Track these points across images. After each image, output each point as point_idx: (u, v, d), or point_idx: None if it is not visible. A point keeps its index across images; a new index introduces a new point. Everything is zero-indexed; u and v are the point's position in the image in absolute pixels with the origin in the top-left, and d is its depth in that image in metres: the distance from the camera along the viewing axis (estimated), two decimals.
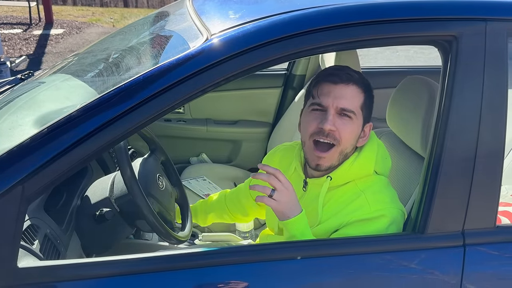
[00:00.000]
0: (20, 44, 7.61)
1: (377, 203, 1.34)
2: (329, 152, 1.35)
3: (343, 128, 1.34)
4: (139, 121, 1.16)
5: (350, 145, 1.37)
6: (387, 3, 1.31)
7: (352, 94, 1.35)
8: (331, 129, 1.33)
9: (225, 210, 1.77)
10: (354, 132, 1.36)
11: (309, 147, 1.38)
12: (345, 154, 1.38)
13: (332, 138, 1.34)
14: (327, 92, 1.35)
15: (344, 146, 1.35)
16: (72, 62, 1.94)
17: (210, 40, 1.22)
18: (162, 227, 1.47)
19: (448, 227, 1.26)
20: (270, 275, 1.23)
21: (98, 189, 1.61)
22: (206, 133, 2.86)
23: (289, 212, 1.29)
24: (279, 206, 1.27)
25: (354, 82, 1.36)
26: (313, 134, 1.36)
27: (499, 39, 1.24)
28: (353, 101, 1.35)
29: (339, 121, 1.34)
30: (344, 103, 1.34)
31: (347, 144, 1.36)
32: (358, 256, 1.26)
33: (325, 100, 1.34)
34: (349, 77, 1.36)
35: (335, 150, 1.35)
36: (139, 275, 1.19)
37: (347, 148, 1.37)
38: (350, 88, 1.35)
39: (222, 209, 1.77)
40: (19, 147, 1.14)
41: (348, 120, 1.34)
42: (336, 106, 1.34)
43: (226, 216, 1.78)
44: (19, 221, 1.12)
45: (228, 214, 1.77)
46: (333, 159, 1.36)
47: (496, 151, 1.25)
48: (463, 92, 1.24)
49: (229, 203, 1.76)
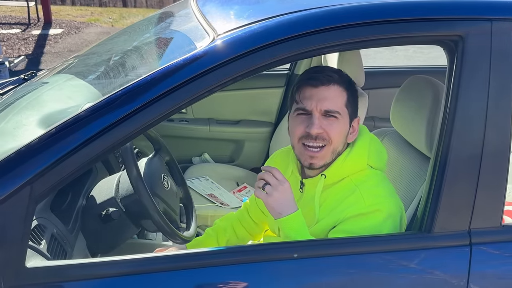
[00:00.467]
0: (18, 44, 7.60)
1: (372, 197, 1.34)
2: (321, 151, 1.36)
3: (331, 128, 1.34)
4: (147, 121, 1.16)
5: (341, 143, 1.38)
6: (392, 3, 1.31)
7: (335, 95, 1.35)
8: (318, 132, 1.34)
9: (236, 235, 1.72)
10: (342, 131, 1.37)
11: (299, 149, 1.38)
12: (338, 152, 1.39)
13: (321, 140, 1.34)
14: (310, 96, 1.35)
15: (335, 144, 1.36)
16: (76, 62, 1.94)
17: (217, 40, 1.22)
18: (168, 227, 1.48)
19: (455, 226, 1.27)
20: (270, 275, 1.23)
21: (104, 189, 1.61)
22: (208, 133, 2.87)
23: (282, 209, 1.30)
24: (269, 200, 1.29)
25: (335, 82, 1.36)
26: (301, 138, 1.37)
27: (505, 39, 1.24)
28: (336, 101, 1.35)
29: (325, 122, 1.34)
30: (327, 105, 1.34)
31: (337, 143, 1.37)
32: (362, 256, 1.26)
33: (309, 104, 1.35)
34: (329, 78, 1.35)
35: (327, 149, 1.36)
36: (144, 274, 1.19)
37: (338, 146, 1.38)
38: (332, 88, 1.35)
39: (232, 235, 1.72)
40: (27, 147, 1.14)
41: (334, 120, 1.35)
42: (320, 109, 1.34)
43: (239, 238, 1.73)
44: (27, 221, 1.12)
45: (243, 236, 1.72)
46: (326, 157, 1.37)
47: (502, 150, 1.26)
48: (469, 92, 1.24)
49: (238, 229, 1.71)
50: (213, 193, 2.48)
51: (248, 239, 1.74)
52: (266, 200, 1.30)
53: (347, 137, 1.39)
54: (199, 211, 2.26)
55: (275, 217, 1.32)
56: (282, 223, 1.31)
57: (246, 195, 2.53)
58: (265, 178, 1.30)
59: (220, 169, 2.75)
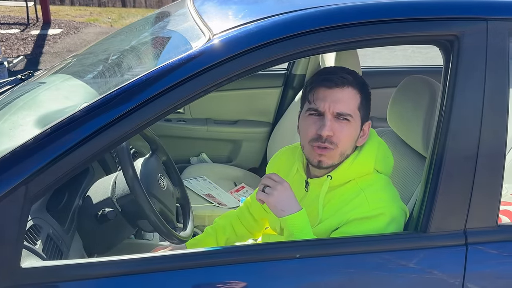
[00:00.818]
0: (17, 44, 7.59)
1: (377, 201, 1.34)
2: (329, 151, 1.36)
3: (341, 132, 1.34)
4: (142, 121, 1.16)
5: (350, 146, 1.38)
6: (388, 3, 1.31)
7: (348, 97, 1.35)
8: (329, 134, 1.33)
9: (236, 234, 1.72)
10: (352, 134, 1.37)
11: (309, 149, 1.39)
12: (346, 155, 1.39)
13: (329, 143, 1.34)
14: (323, 97, 1.35)
15: (343, 148, 1.36)
16: (73, 62, 1.94)
17: (212, 40, 1.22)
18: (164, 227, 1.48)
19: (450, 226, 1.27)
20: (270, 275, 1.23)
21: (100, 189, 1.61)
22: (206, 133, 2.86)
23: (283, 206, 1.31)
24: (269, 199, 1.31)
25: (349, 84, 1.35)
26: (311, 140, 1.36)
27: (501, 39, 1.24)
28: (349, 104, 1.35)
29: (336, 125, 1.34)
30: (340, 107, 1.34)
31: (346, 147, 1.37)
32: (358, 256, 1.26)
33: (321, 105, 1.34)
34: (343, 80, 1.35)
35: (335, 152, 1.36)
36: (141, 275, 1.19)
37: (346, 150, 1.38)
38: (346, 91, 1.35)
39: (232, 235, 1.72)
40: (22, 147, 1.13)
41: (346, 123, 1.35)
42: (333, 111, 1.34)
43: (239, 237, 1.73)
44: (22, 222, 1.12)
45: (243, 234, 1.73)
46: (334, 158, 1.37)
47: (498, 150, 1.26)
48: (464, 92, 1.24)
49: (237, 227, 1.72)
50: (210, 193, 2.47)
51: (248, 237, 1.74)
52: (267, 200, 1.32)
53: (356, 140, 1.39)
54: (197, 211, 2.25)
55: (278, 215, 1.32)
56: (286, 222, 1.31)
57: (244, 195, 2.53)
58: (264, 182, 1.34)
59: (218, 169, 2.75)
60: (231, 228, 1.70)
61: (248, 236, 1.73)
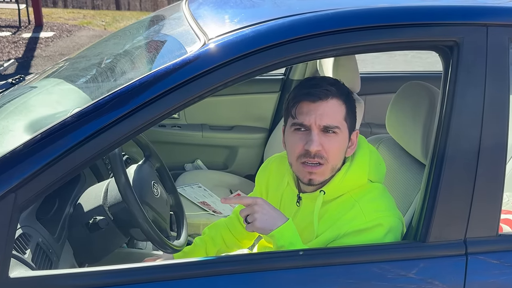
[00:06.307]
0: (8, 47, 7.53)
1: (372, 212, 1.31)
2: (320, 167, 1.32)
3: (330, 145, 1.31)
4: (135, 127, 1.14)
5: (340, 159, 1.35)
6: (387, 8, 1.29)
7: (334, 109, 1.32)
8: (318, 149, 1.30)
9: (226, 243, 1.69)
10: (341, 146, 1.34)
11: (298, 167, 1.35)
12: (337, 168, 1.36)
13: (319, 158, 1.31)
14: (307, 111, 1.31)
15: (333, 162, 1.33)
16: (65, 66, 1.91)
17: (208, 44, 1.20)
18: (157, 236, 1.44)
19: (450, 236, 1.25)
20: (267, 285, 1.21)
21: (91, 197, 1.58)
22: (201, 139, 2.84)
23: (270, 224, 1.27)
24: (256, 225, 1.27)
25: (333, 96, 1.32)
26: (300, 157, 1.32)
27: (500, 45, 1.23)
28: (335, 115, 1.31)
29: (324, 139, 1.31)
30: (326, 120, 1.30)
31: (336, 160, 1.34)
32: (357, 266, 1.24)
33: (307, 120, 1.30)
34: (327, 92, 1.31)
35: (325, 167, 1.33)
36: (133, 285, 1.16)
37: (337, 163, 1.35)
38: (330, 103, 1.31)
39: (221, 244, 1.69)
40: (11, 153, 1.11)
41: (334, 135, 1.31)
42: (319, 124, 1.30)
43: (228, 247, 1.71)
44: (10, 230, 1.09)
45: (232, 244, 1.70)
46: (326, 174, 1.34)
47: (498, 157, 1.24)
48: (464, 98, 1.22)
49: (226, 236, 1.69)
50: (205, 201, 2.44)
51: (238, 247, 1.71)
52: (255, 227, 1.27)
53: (345, 151, 1.36)
54: (191, 219, 2.22)
55: (266, 234, 1.29)
56: (273, 237, 1.28)
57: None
58: (242, 215, 1.30)
59: (213, 176, 2.72)
60: (220, 239, 1.66)
61: (238, 245, 1.70)
